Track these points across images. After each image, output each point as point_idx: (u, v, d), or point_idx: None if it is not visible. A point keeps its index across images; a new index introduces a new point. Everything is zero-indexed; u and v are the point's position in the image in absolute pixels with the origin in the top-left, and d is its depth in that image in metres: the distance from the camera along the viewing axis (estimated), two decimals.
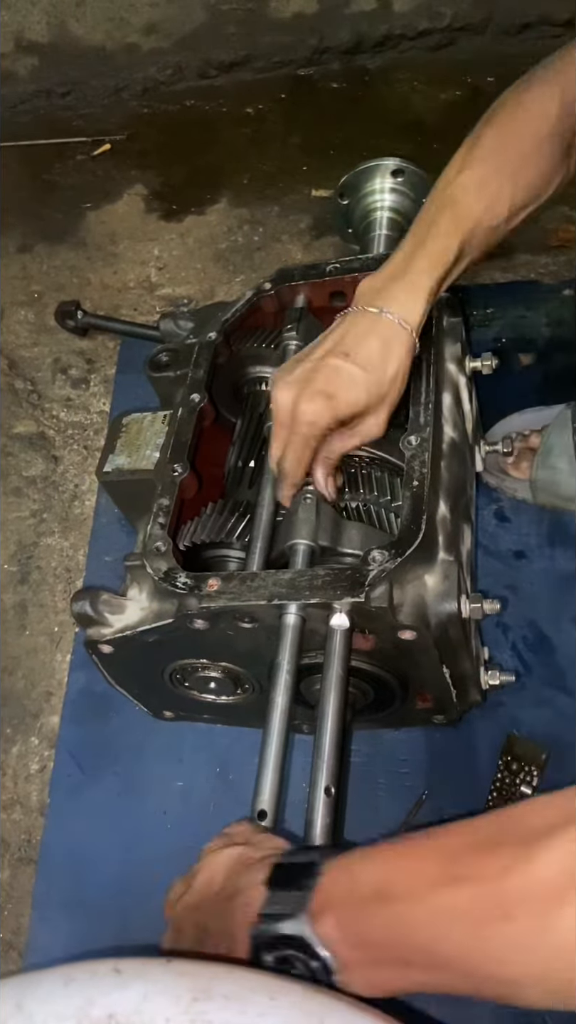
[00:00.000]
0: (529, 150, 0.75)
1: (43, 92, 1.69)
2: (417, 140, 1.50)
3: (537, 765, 0.89)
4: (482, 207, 0.74)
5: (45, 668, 1.10)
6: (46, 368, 1.37)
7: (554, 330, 1.22)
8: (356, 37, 1.61)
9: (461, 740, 0.93)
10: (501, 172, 0.75)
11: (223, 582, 0.73)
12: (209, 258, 1.45)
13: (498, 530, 1.06)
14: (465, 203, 0.74)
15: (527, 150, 0.75)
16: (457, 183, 0.75)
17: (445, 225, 0.74)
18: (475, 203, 0.74)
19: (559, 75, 0.75)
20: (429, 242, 0.74)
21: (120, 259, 1.48)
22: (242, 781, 0.94)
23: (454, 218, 0.74)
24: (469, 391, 0.96)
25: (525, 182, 0.75)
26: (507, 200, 0.75)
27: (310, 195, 1.49)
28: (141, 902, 0.90)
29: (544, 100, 0.75)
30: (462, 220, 0.74)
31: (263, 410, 0.94)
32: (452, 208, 0.75)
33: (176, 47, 1.63)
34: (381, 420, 0.75)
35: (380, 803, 0.92)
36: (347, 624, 0.71)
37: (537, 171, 0.76)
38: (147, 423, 0.94)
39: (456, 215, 0.74)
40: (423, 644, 0.72)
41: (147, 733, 0.99)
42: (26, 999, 0.42)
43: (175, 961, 0.44)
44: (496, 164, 0.75)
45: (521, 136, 0.75)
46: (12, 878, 0.97)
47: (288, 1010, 0.42)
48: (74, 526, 1.21)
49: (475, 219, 0.74)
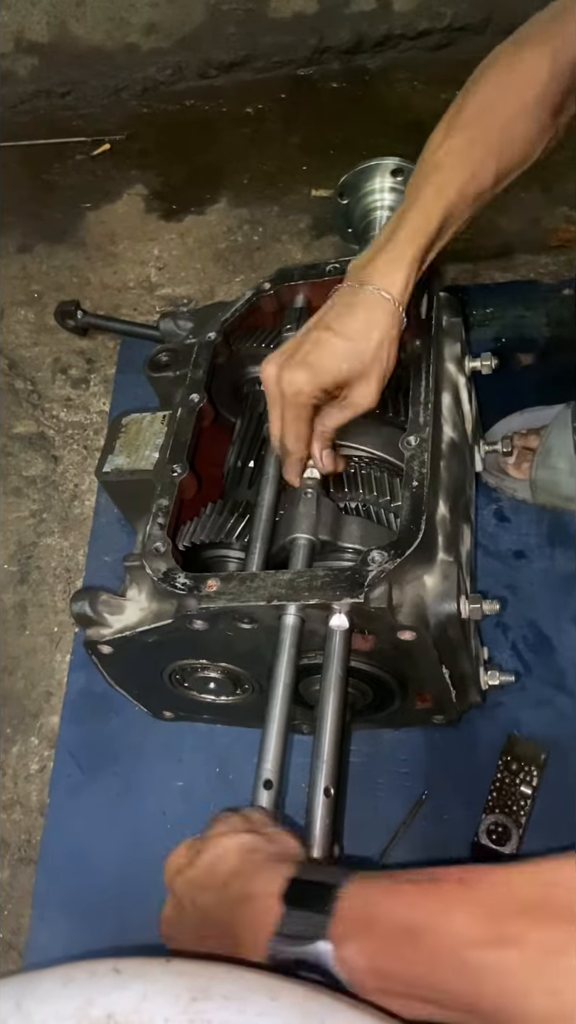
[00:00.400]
0: (516, 114, 0.73)
1: (43, 92, 1.69)
2: (417, 140, 1.48)
3: (537, 765, 0.89)
4: (467, 174, 0.74)
5: (45, 668, 1.10)
6: (46, 368, 1.37)
7: (554, 330, 1.22)
8: (356, 37, 1.61)
9: (461, 740, 0.93)
10: (487, 137, 0.74)
11: (222, 583, 0.73)
12: (209, 258, 1.45)
13: (498, 530, 1.06)
14: (449, 170, 0.74)
15: (514, 114, 0.73)
16: (442, 150, 0.74)
17: (429, 194, 0.74)
18: (459, 170, 0.74)
19: (551, 36, 0.73)
20: (412, 212, 0.74)
21: (120, 259, 1.48)
22: (242, 781, 0.94)
23: (438, 186, 0.74)
24: (469, 391, 0.96)
25: (511, 147, 0.74)
26: (492, 166, 0.74)
27: (310, 195, 1.49)
28: (141, 902, 0.89)
29: (534, 62, 0.73)
30: (445, 188, 0.74)
31: (263, 410, 0.93)
32: (436, 175, 0.74)
33: (176, 47, 1.63)
34: (371, 391, 0.75)
35: (380, 803, 0.92)
36: (346, 625, 0.71)
37: (524, 136, 0.74)
38: (147, 423, 0.94)
39: (440, 183, 0.74)
40: (422, 644, 0.72)
41: (147, 733, 0.99)
42: (26, 999, 0.42)
43: (174, 961, 0.44)
44: (481, 129, 0.74)
45: (508, 100, 0.74)
46: (12, 878, 0.97)
47: (288, 1010, 0.42)
48: (74, 526, 1.21)
49: (459, 186, 0.74)
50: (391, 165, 1.10)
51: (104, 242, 1.51)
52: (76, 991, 0.42)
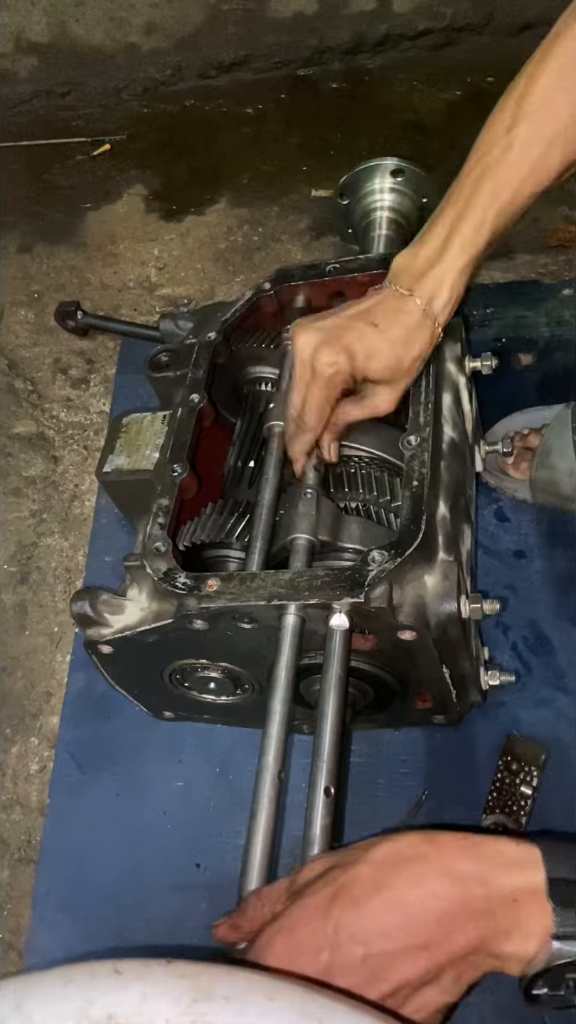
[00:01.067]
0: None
1: (43, 92, 1.69)
2: (417, 140, 1.50)
3: (537, 765, 0.89)
4: (529, 168, 0.68)
5: (45, 668, 1.10)
6: (46, 368, 1.37)
7: (554, 330, 1.22)
8: (356, 37, 1.61)
9: (461, 740, 0.93)
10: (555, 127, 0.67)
11: (222, 582, 0.73)
12: (209, 258, 1.45)
13: (498, 530, 1.06)
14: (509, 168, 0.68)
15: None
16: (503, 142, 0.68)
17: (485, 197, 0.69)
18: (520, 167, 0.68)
19: None
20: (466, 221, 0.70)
21: (120, 259, 1.48)
22: (242, 781, 0.95)
23: (495, 188, 0.69)
24: (469, 391, 0.96)
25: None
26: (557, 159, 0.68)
27: (310, 195, 1.49)
28: (141, 902, 0.90)
29: None
30: (503, 189, 0.69)
31: (263, 410, 0.94)
32: (494, 174, 0.69)
33: (176, 47, 1.63)
34: (394, 397, 0.75)
35: (380, 803, 0.92)
36: (346, 624, 0.71)
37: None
38: (147, 423, 0.94)
39: (497, 184, 0.69)
40: (423, 644, 0.72)
41: (147, 733, 0.99)
42: (25, 999, 0.42)
43: (175, 962, 0.44)
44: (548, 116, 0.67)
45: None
46: (12, 878, 0.97)
47: (287, 1011, 0.42)
48: (74, 526, 1.21)
49: (517, 185, 0.69)
50: (391, 165, 1.10)
51: (104, 242, 1.51)
52: (76, 992, 0.42)
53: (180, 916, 0.88)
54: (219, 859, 0.91)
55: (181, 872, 0.91)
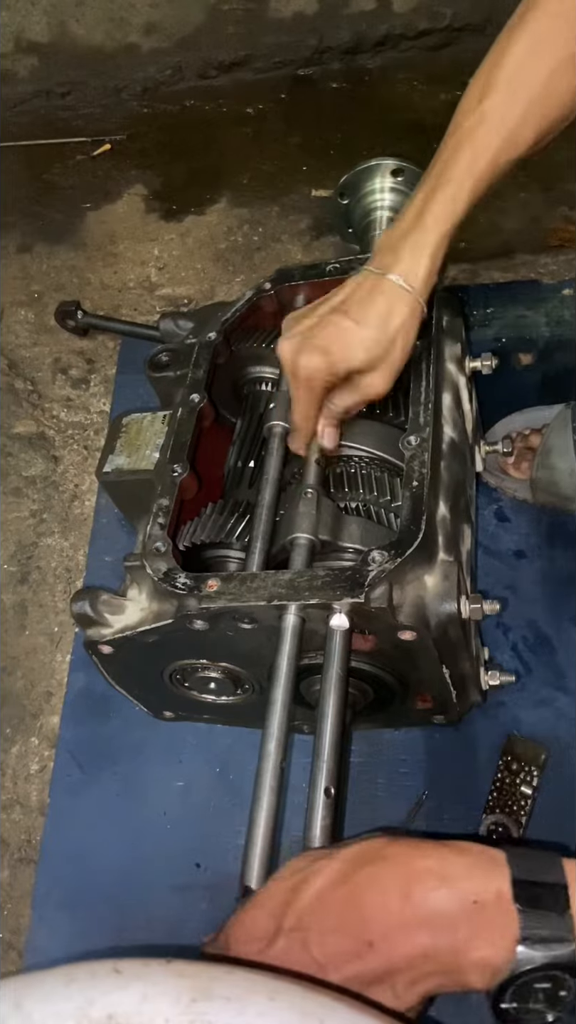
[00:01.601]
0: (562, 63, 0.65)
1: (43, 92, 1.69)
2: (417, 140, 1.49)
3: (537, 765, 0.89)
4: (502, 138, 0.67)
5: (45, 668, 1.10)
6: (46, 368, 1.37)
7: (554, 330, 1.22)
8: (356, 37, 1.60)
9: (461, 740, 0.93)
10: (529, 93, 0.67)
11: (223, 583, 0.73)
12: (209, 258, 1.45)
13: (498, 530, 1.06)
14: (484, 137, 0.68)
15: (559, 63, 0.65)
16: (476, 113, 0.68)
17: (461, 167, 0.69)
18: (495, 135, 0.67)
19: None
20: (440, 192, 0.70)
21: (120, 259, 1.48)
22: (242, 781, 0.94)
23: (470, 159, 0.68)
24: (469, 391, 0.96)
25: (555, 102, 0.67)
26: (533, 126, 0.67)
27: (310, 195, 1.49)
28: (141, 902, 0.90)
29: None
30: (478, 159, 0.68)
31: (263, 410, 0.94)
32: (469, 144, 0.68)
33: (176, 47, 1.63)
34: (384, 380, 0.75)
35: (380, 803, 0.92)
36: (346, 625, 0.71)
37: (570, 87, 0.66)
38: (147, 423, 0.94)
39: (472, 155, 0.68)
40: (423, 645, 0.72)
41: (147, 733, 0.99)
42: (26, 999, 0.42)
43: (175, 962, 0.44)
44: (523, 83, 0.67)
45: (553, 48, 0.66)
46: (12, 878, 0.97)
47: (287, 1011, 0.42)
48: (74, 526, 1.21)
49: (493, 155, 0.68)
50: (391, 165, 1.10)
51: (104, 242, 1.51)
52: (76, 991, 0.42)
53: (180, 916, 0.88)
54: (219, 859, 0.91)
55: (181, 872, 0.91)
